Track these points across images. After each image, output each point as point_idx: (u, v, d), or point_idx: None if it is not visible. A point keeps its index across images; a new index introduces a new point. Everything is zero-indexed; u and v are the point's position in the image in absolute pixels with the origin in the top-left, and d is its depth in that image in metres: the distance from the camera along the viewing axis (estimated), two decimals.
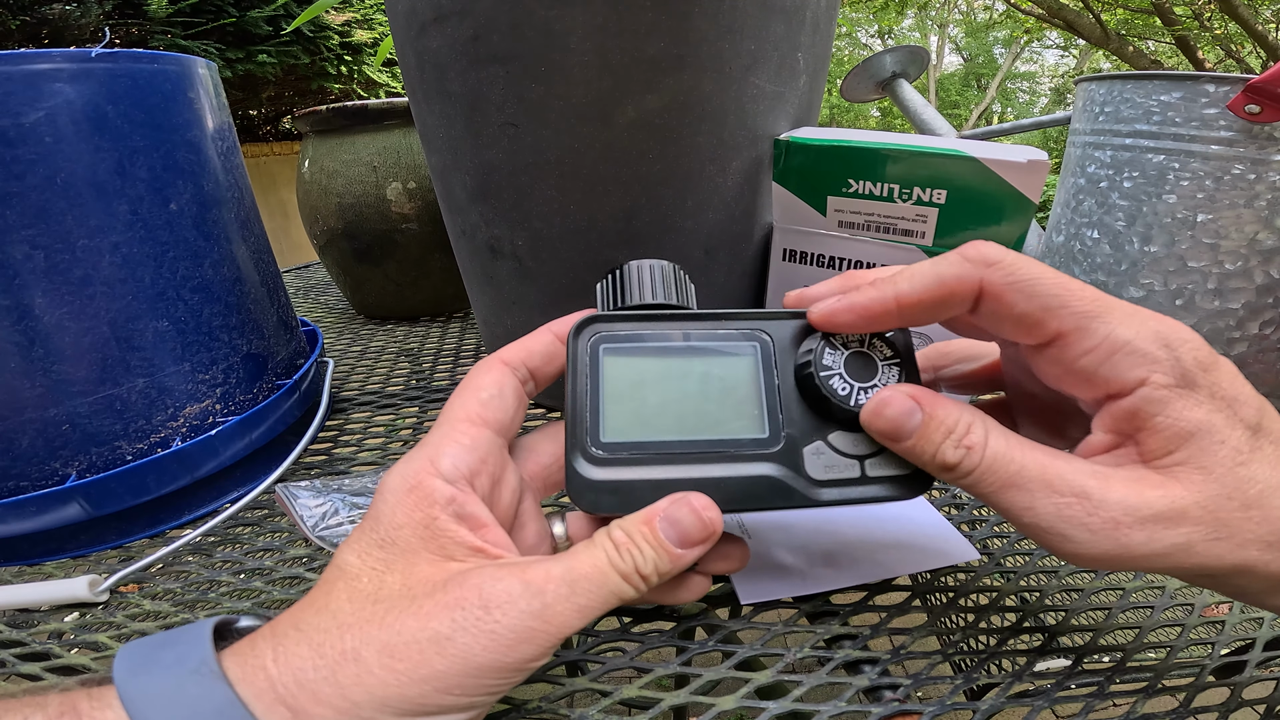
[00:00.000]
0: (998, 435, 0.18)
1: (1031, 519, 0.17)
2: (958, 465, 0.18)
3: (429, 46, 0.33)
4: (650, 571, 0.19)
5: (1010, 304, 0.18)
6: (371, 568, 0.18)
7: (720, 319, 0.22)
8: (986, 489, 0.18)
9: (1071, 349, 0.18)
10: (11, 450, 0.30)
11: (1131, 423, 0.17)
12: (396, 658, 0.16)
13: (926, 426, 0.19)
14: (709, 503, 0.19)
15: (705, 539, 0.19)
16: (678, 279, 0.24)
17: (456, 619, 0.17)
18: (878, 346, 0.21)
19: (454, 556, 0.18)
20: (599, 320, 0.22)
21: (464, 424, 0.20)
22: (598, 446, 0.20)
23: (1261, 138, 0.38)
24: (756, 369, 0.22)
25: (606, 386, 0.21)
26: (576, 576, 0.18)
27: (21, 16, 1.59)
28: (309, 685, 0.16)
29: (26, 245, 0.28)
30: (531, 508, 0.23)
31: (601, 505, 0.20)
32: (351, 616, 0.17)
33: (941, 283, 0.19)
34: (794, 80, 0.35)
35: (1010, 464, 0.18)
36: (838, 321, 0.21)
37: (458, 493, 0.19)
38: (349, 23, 2.30)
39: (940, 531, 0.29)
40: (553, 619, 0.17)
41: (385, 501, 0.19)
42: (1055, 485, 0.17)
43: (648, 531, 0.19)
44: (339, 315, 0.71)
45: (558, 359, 0.23)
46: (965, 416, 0.19)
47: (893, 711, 0.22)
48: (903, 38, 11.32)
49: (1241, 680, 0.23)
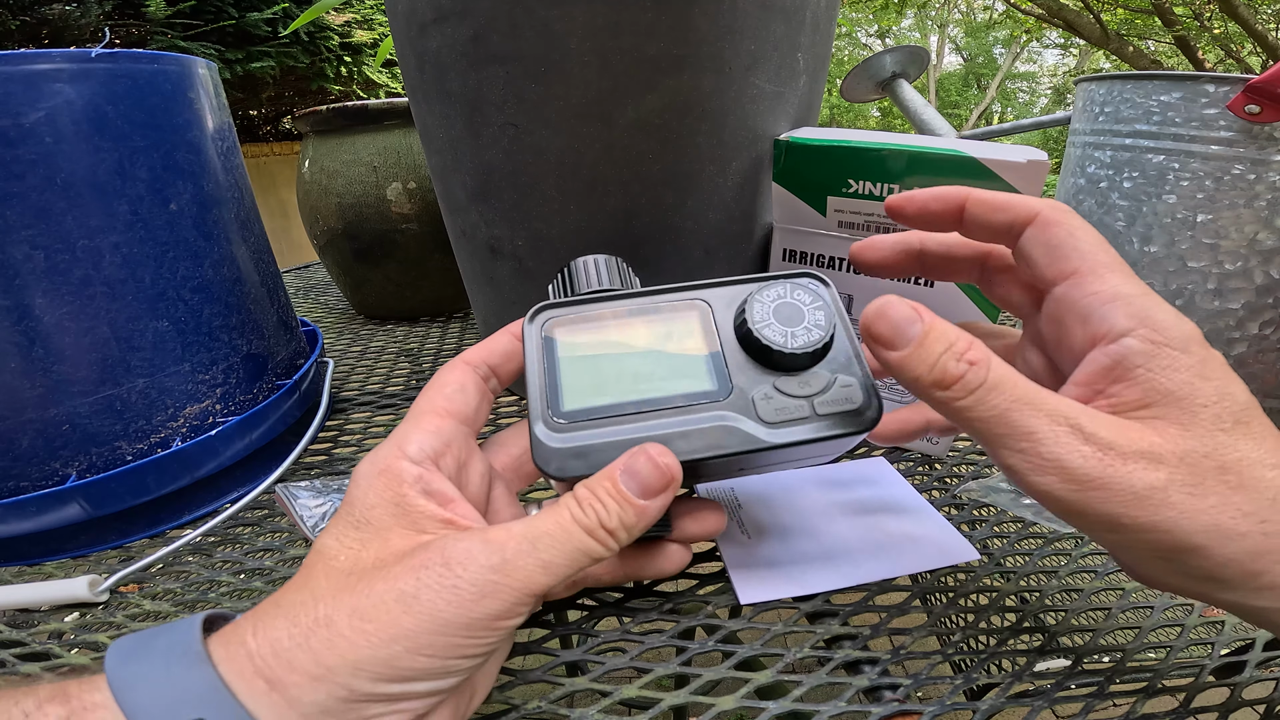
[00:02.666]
0: (996, 358, 0.18)
1: (1030, 444, 0.17)
2: (959, 380, 0.17)
3: (429, 47, 0.33)
4: (615, 525, 0.19)
5: (1052, 235, 0.20)
6: (348, 547, 0.19)
7: (660, 293, 0.24)
8: (987, 411, 0.17)
9: (1080, 288, 0.19)
10: (12, 450, 0.30)
11: (1111, 373, 0.17)
12: (365, 619, 0.17)
13: (927, 336, 0.18)
14: (664, 450, 0.20)
15: (664, 486, 0.19)
16: (621, 269, 0.26)
17: (421, 577, 0.17)
18: (798, 295, 0.22)
19: (425, 530, 0.19)
20: (550, 307, 0.23)
21: (428, 415, 0.22)
22: (559, 415, 0.21)
23: (1261, 138, 0.38)
24: (700, 330, 0.23)
25: (562, 362, 0.22)
26: (539, 533, 0.18)
27: (21, 16, 1.59)
28: (284, 654, 0.16)
29: (26, 245, 0.28)
30: (504, 495, 0.24)
31: (568, 469, 0.21)
32: (326, 589, 0.18)
33: (1008, 201, 0.21)
34: (794, 80, 0.35)
35: (1015, 386, 0.17)
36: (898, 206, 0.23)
37: (424, 471, 0.20)
38: (349, 23, 2.30)
39: (940, 531, 0.29)
40: (514, 572, 0.18)
41: (358, 486, 0.20)
42: (1054, 415, 0.17)
43: (609, 485, 0.19)
44: (339, 315, 0.71)
45: (517, 357, 0.24)
46: (964, 335, 0.18)
47: (893, 711, 0.22)
48: (903, 38, 11.32)
49: (1241, 680, 0.23)
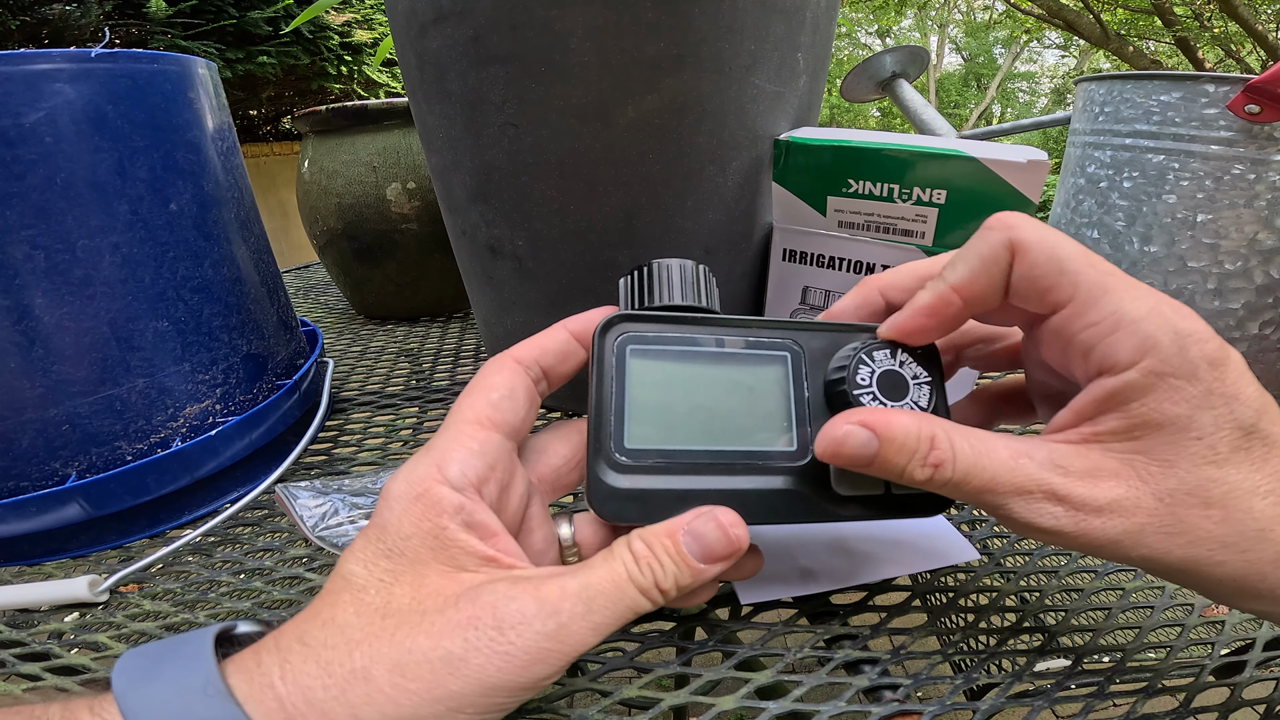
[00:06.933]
0: (963, 444, 0.18)
1: (1005, 514, 0.18)
2: (929, 481, 0.18)
3: (429, 47, 0.33)
4: (670, 586, 0.18)
5: (1031, 263, 0.18)
6: (379, 579, 0.17)
7: (750, 326, 0.21)
8: (961, 494, 0.18)
9: (1076, 320, 0.17)
10: (11, 450, 0.30)
11: (1103, 404, 0.17)
12: (408, 677, 0.16)
13: (885, 450, 0.18)
14: (737, 519, 0.19)
15: (729, 556, 0.19)
16: (705, 280, 0.23)
17: (470, 639, 0.16)
18: (909, 365, 0.21)
19: (465, 567, 0.18)
20: (625, 319, 0.21)
21: (472, 426, 0.20)
22: (621, 453, 0.19)
23: (1261, 138, 0.38)
24: (786, 380, 0.21)
25: (632, 390, 0.20)
26: (593, 593, 0.17)
27: (21, 16, 1.59)
28: (318, 705, 0.15)
29: (26, 245, 0.28)
30: (539, 512, 0.22)
31: (624, 515, 0.19)
32: (360, 632, 0.16)
33: (982, 257, 0.19)
34: (794, 80, 0.35)
35: (982, 473, 0.18)
36: (911, 328, 0.20)
37: (466, 501, 0.18)
38: (349, 23, 2.30)
39: (940, 531, 0.29)
40: (568, 639, 0.17)
41: (391, 509, 0.18)
42: (1025, 485, 0.17)
43: (670, 545, 0.18)
44: (339, 315, 0.71)
45: (572, 358, 0.22)
46: (925, 430, 0.18)
47: (893, 711, 0.21)
48: (903, 38, 11.32)
49: (1241, 680, 0.23)
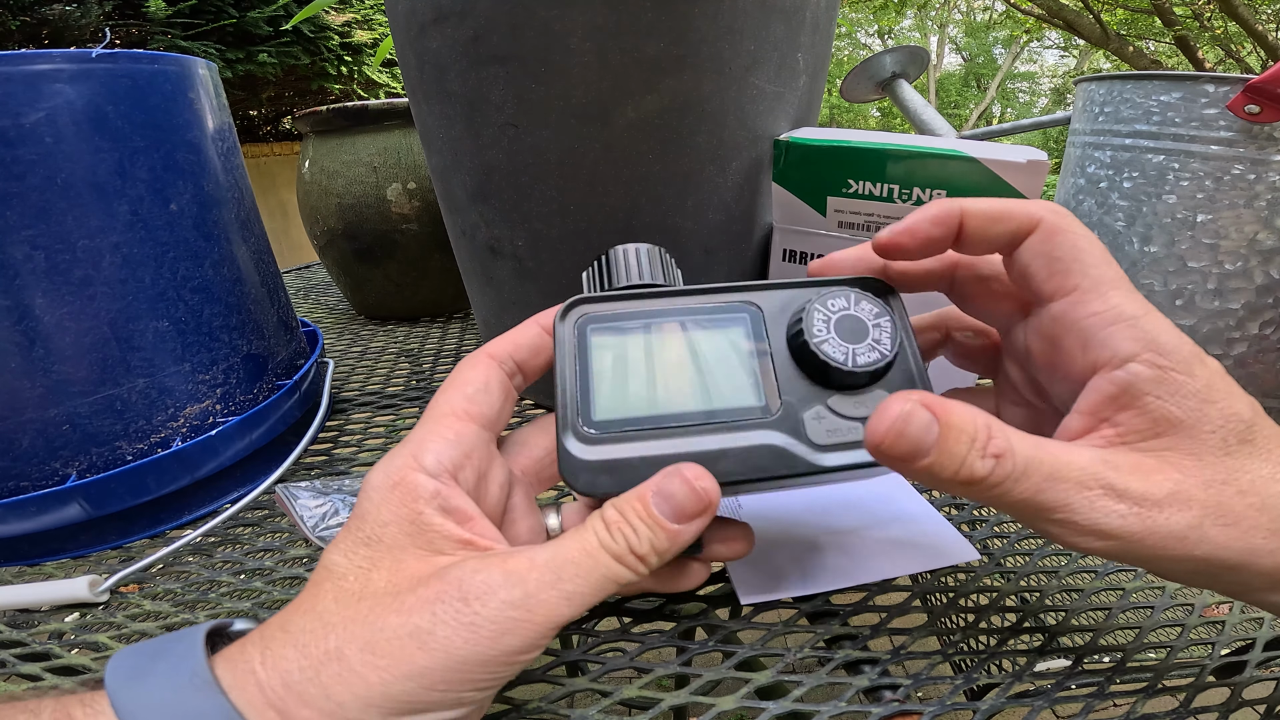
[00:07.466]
0: (1014, 434, 0.17)
1: (1065, 518, 0.16)
2: (987, 478, 0.16)
3: (429, 47, 0.33)
4: (646, 551, 0.18)
5: (1056, 243, 0.18)
6: (358, 566, 0.18)
7: (707, 293, 0.21)
8: (1018, 496, 0.16)
9: (1080, 307, 0.18)
10: (12, 450, 0.30)
11: (1117, 401, 0.17)
12: (378, 654, 0.16)
13: (947, 437, 0.16)
14: (702, 472, 0.18)
15: (701, 511, 0.18)
16: (663, 260, 0.23)
17: (436, 612, 0.16)
18: (864, 305, 0.20)
19: (442, 551, 0.18)
20: (584, 302, 0.21)
21: (448, 419, 0.20)
22: (589, 425, 0.19)
23: (1261, 138, 0.38)
24: (749, 338, 0.21)
25: (595, 365, 0.20)
26: (562, 561, 0.17)
27: (21, 16, 1.59)
28: (295, 687, 0.16)
29: (27, 245, 0.28)
30: (523, 502, 0.22)
31: (597, 486, 0.19)
32: (336, 616, 0.17)
33: (1008, 208, 0.19)
34: (794, 80, 0.35)
35: (1043, 464, 0.16)
36: (899, 243, 0.20)
37: (442, 486, 0.19)
38: (349, 23, 2.30)
39: (940, 531, 0.29)
40: (537, 608, 0.16)
41: (369, 499, 0.19)
42: (1084, 480, 0.16)
43: (641, 508, 0.18)
44: (339, 315, 0.71)
45: (545, 351, 0.22)
46: (980, 417, 0.16)
47: (893, 711, 0.21)
48: (903, 38, 11.32)
49: (1241, 680, 0.23)
